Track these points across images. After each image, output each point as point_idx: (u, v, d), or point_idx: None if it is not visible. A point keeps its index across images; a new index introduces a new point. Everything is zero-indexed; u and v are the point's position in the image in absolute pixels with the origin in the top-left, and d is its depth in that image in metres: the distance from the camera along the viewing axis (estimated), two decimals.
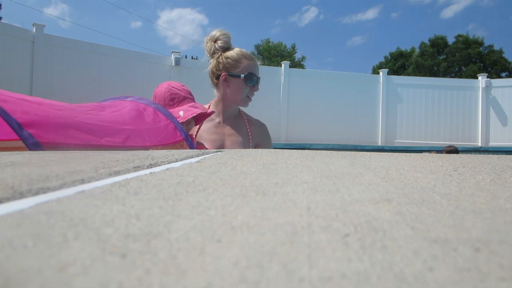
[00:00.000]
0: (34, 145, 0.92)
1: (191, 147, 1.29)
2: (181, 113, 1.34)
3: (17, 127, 0.92)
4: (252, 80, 1.52)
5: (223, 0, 61.38)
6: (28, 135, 0.93)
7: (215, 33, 1.53)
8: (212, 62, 1.54)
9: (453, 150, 4.04)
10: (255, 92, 1.57)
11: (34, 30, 4.64)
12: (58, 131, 1.03)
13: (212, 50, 1.53)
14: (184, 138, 1.27)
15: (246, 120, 1.61)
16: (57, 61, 4.82)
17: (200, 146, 1.44)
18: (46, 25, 4.73)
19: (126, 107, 1.32)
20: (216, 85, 1.56)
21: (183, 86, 1.48)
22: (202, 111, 1.38)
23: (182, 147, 1.29)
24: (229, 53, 1.51)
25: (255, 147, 1.58)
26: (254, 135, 1.59)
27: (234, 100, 1.54)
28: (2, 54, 4.33)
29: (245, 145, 1.54)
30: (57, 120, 1.07)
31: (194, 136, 1.45)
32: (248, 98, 1.56)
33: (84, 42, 5.13)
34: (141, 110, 1.32)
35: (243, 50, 1.55)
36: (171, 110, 1.34)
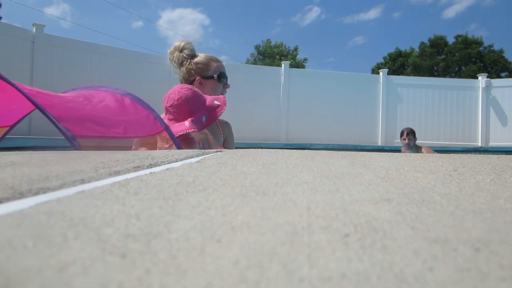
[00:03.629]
0: (71, 138, 0.99)
1: (172, 137, 1.30)
2: (216, 102, 1.41)
3: (55, 121, 0.98)
4: (223, 78, 1.64)
5: (224, 0, 61.37)
6: (65, 129, 0.99)
7: (179, 43, 1.64)
8: (183, 70, 1.64)
9: (410, 132, 4.07)
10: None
11: (34, 30, 4.64)
12: (80, 124, 1.09)
13: (180, 59, 1.63)
14: (164, 128, 1.29)
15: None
16: (57, 61, 4.81)
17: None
18: (46, 25, 4.72)
19: (107, 98, 1.34)
20: None
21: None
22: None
23: (166, 137, 1.32)
24: (198, 59, 1.63)
25: (224, 141, 1.73)
26: (223, 131, 1.73)
27: None
28: (2, 54, 4.32)
29: (220, 140, 1.66)
30: (76, 114, 1.14)
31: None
32: None
33: (84, 42, 5.12)
34: (120, 101, 1.35)
35: (208, 54, 1.68)
36: (209, 101, 1.40)
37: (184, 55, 1.63)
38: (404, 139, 4.07)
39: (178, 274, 0.18)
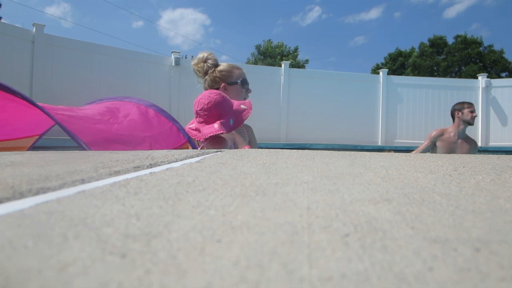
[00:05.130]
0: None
1: (194, 147, 1.40)
2: (242, 106, 1.54)
3: (86, 147, 1.07)
4: (246, 84, 1.80)
5: (225, 0, 61.39)
6: None
7: (202, 55, 1.78)
8: (208, 78, 1.77)
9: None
10: (251, 93, 1.85)
11: (34, 30, 4.63)
12: (109, 146, 1.19)
13: (205, 69, 1.77)
14: (187, 140, 1.38)
15: None
16: (57, 61, 4.81)
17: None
18: (46, 25, 4.72)
19: (132, 111, 1.44)
20: None
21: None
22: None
23: (197, 138, 1.43)
24: (221, 67, 1.77)
25: (248, 142, 1.88)
26: (248, 133, 1.87)
27: None
28: (2, 54, 4.32)
29: (246, 141, 1.79)
30: (104, 136, 1.25)
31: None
32: None
33: (84, 42, 5.12)
34: (145, 113, 1.46)
35: (230, 63, 1.83)
36: (236, 105, 1.52)
37: (209, 64, 1.76)
38: (473, 112, 3.47)
39: (178, 274, 0.18)
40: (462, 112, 3.45)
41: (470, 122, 3.42)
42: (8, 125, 1.34)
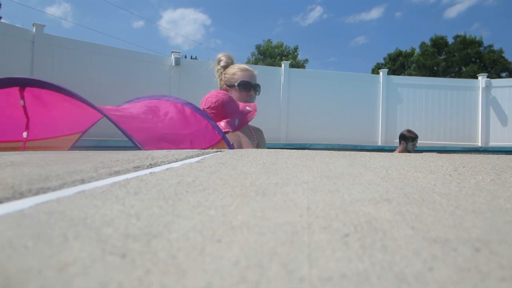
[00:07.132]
0: None
1: (228, 144, 1.44)
2: (248, 108, 1.58)
3: (140, 146, 1.13)
4: (245, 86, 1.75)
5: (226, 0, 61.45)
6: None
7: (219, 56, 1.82)
8: (218, 80, 1.81)
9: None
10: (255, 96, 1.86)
11: (34, 30, 4.64)
12: (157, 144, 1.26)
13: (217, 70, 1.81)
14: (222, 137, 1.43)
15: (248, 125, 1.89)
16: (57, 61, 4.81)
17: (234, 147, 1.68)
18: (46, 25, 4.72)
19: (171, 110, 1.49)
20: None
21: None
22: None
23: (223, 146, 1.46)
24: (228, 69, 1.80)
25: (257, 145, 1.88)
26: (256, 136, 1.88)
27: None
28: (2, 54, 4.32)
29: (253, 144, 1.81)
30: (152, 135, 1.31)
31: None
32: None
33: (84, 42, 5.12)
34: (182, 111, 1.49)
35: (241, 65, 1.83)
36: (242, 106, 1.57)
37: (220, 66, 1.80)
38: (415, 144, 3.81)
39: (178, 274, 0.18)
40: (407, 143, 3.81)
41: (411, 152, 3.81)
42: (53, 124, 1.42)
